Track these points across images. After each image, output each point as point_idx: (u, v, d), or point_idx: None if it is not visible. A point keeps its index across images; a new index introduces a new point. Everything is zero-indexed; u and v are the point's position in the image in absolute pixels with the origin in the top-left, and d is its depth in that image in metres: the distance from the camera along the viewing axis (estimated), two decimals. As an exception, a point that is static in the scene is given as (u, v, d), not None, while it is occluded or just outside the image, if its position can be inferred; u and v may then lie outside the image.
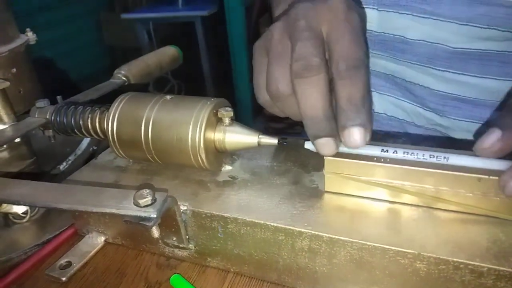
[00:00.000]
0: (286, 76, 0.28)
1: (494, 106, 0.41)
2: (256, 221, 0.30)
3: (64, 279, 0.34)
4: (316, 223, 0.29)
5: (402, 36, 0.41)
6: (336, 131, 0.28)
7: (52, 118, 0.39)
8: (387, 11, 0.41)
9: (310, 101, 0.27)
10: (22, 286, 0.35)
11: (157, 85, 2.18)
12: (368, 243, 0.26)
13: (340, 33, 0.27)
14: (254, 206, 0.31)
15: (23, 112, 0.46)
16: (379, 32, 0.43)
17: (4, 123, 0.41)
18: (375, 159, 0.29)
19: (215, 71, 2.35)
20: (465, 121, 0.43)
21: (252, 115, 2.20)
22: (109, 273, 0.35)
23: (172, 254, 0.35)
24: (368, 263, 0.27)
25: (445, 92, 0.42)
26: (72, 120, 0.39)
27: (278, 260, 0.31)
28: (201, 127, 0.32)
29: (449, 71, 0.41)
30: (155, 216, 0.28)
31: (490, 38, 0.37)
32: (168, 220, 0.32)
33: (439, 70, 0.41)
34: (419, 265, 0.25)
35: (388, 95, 0.48)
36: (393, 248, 0.26)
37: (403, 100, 0.47)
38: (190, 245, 0.34)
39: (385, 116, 0.50)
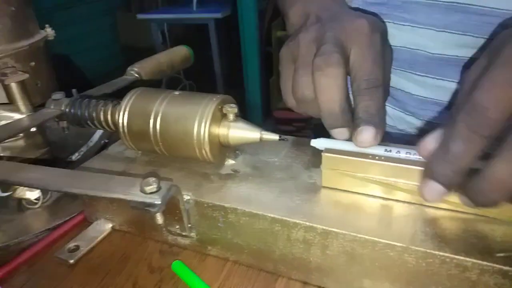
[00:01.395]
0: (311, 83, 0.31)
1: None
2: (255, 212, 0.31)
3: (71, 261, 0.36)
4: (311, 215, 0.30)
5: None
6: (350, 123, 0.31)
7: (67, 110, 0.42)
8: (373, 12, 0.42)
9: (328, 94, 0.30)
10: (32, 266, 0.37)
11: (169, 84, 2.22)
12: (359, 235, 0.28)
13: (364, 54, 0.31)
14: (253, 198, 0.33)
15: (40, 104, 0.49)
16: None
17: (22, 113, 0.44)
18: (370, 156, 0.31)
19: (227, 72, 2.38)
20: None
21: (262, 117, 2.22)
22: (114, 257, 0.37)
23: (174, 242, 0.37)
24: (359, 255, 0.28)
25: (424, 97, 0.45)
26: (86, 112, 0.41)
27: (274, 250, 0.32)
28: (206, 122, 0.34)
29: (428, 76, 0.43)
30: (159, 202, 0.29)
31: (466, 45, 0.39)
32: (172, 208, 0.34)
33: (419, 75, 0.44)
34: (407, 258, 0.27)
35: None
36: (383, 241, 0.27)
37: (386, 105, 0.48)
38: (192, 234, 0.35)
39: None
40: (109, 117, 0.40)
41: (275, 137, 0.34)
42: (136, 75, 0.53)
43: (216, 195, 0.33)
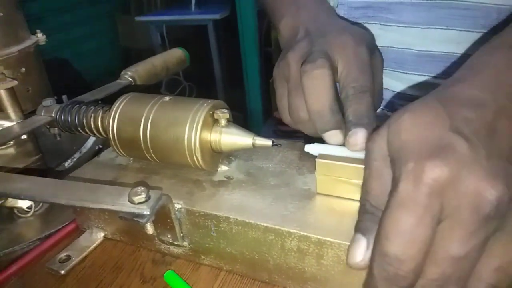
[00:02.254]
0: (304, 104, 0.31)
1: None
2: (247, 220, 0.30)
3: (62, 272, 0.36)
4: (305, 224, 0.29)
5: None
6: (342, 125, 0.30)
7: (58, 116, 0.41)
8: (357, 22, 0.45)
9: (316, 95, 0.30)
10: (22, 278, 0.36)
11: (169, 86, 2.21)
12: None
13: (350, 63, 0.31)
14: (246, 206, 0.32)
15: (31, 110, 0.48)
16: None
17: (12, 121, 0.43)
18: (358, 161, 0.30)
19: (226, 73, 2.37)
20: None
21: (262, 118, 2.21)
22: (106, 267, 0.36)
23: (167, 251, 0.36)
24: (355, 265, 0.27)
25: (412, 95, 0.46)
26: (76, 118, 0.40)
27: (268, 260, 0.31)
28: (197, 128, 0.33)
29: (416, 74, 0.44)
30: (148, 213, 0.28)
31: (451, 40, 0.40)
32: (163, 217, 0.33)
33: (407, 73, 0.45)
34: (404, 268, 0.26)
35: None
36: (379, 250, 0.26)
37: None
38: (185, 243, 0.34)
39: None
40: (99, 123, 0.39)
41: (268, 142, 0.33)
42: (130, 79, 0.52)
43: (208, 203, 0.33)
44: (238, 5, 1.95)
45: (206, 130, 0.34)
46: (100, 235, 0.40)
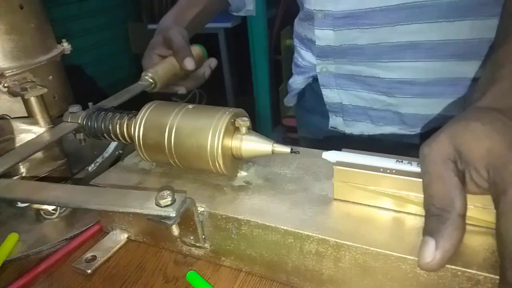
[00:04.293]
0: None
1: (425, 83, 0.54)
2: (268, 224, 0.32)
3: (89, 271, 0.37)
4: (323, 228, 0.30)
5: (354, 44, 0.56)
6: None
7: (84, 122, 0.43)
8: (340, 29, 0.56)
9: None
10: (50, 276, 0.38)
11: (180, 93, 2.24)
12: (372, 248, 0.28)
13: None
14: (266, 210, 0.33)
15: (57, 116, 0.50)
16: (337, 46, 0.58)
17: (40, 126, 0.45)
18: (381, 169, 0.31)
19: (237, 81, 2.39)
20: (407, 97, 0.56)
21: (271, 124, 2.23)
22: (130, 267, 0.38)
23: (189, 252, 0.38)
24: (371, 267, 0.29)
25: (390, 78, 0.56)
26: (102, 125, 0.42)
27: (287, 262, 0.33)
28: (220, 135, 0.35)
29: (391, 61, 0.54)
30: (174, 215, 0.30)
31: (417, 31, 0.51)
32: (186, 220, 0.35)
33: (384, 62, 0.55)
34: (419, 271, 0.27)
35: (351, 90, 0.61)
36: (395, 254, 0.27)
37: (361, 91, 0.60)
38: (206, 245, 0.36)
39: (351, 107, 0.63)
40: (125, 130, 0.41)
41: (286, 149, 0.35)
42: (151, 80, 0.54)
43: (229, 207, 0.34)
44: (249, 14, 1.98)
45: (228, 137, 0.36)
46: (124, 236, 0.41)
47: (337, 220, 0.31)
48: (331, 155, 0.33)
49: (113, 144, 0.56)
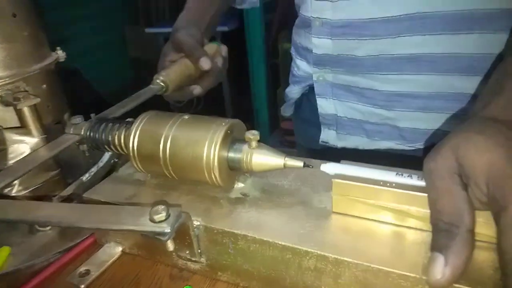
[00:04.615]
0: None
1: (427, 97, 0.52)
2: (265, 239, 0.31)
3: (82, 286, 0.36)
4: (322, 243, 0.30)
5: (352, 55, 0.54)
6: None
7: (87, 134, 0.42)
8: (338, 39, 0.54)
9: None
10: (43, 291, 0.37)
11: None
12: (372, 265, 0.27)
13: None
14: (263, 224, 0.32)
15: (54, 122, 0.49)
16: (335, 55, 0.56)
17: (34, 136, 0.44)
18: (381, 183, 0.30)
19: (234, 85, 2.39)
20: (407, 111, 0.54)
21: (269, 127, 2.22)
22: (125, 281, 0.37)
23: (185, 267, 0.37)
24: (372, 284, 0.28)
25: (389, 91, 0.53)
26: (103, 136, 0.41)
27: (285, 278, 0.32)
28: (216, 146, 0.34)
29: (390, 74, 0.52)
30: (168, 231, 0.29)
31: (417, 43, 0.48)
32: (182, 234, 0.34)
33: (383, 74, 0.53)
34: (421, 289, 0.26)
35: (347, 101, 0.60)
36: (396, 271, 0.27)
37: (358, 104, 0.58)
38: (202, 259, 0.35)
39: (346, 119, 0.61)
40: (122, 140, 0.40)
41: (299, 164, 0.34)
42: (162, 83, 0.52)
43: (225, 221, 0.33)
44: (246, 18, 1.98)
45: (224, 148, 0.35)
46: (118, 249, 0.40)
47: (336, 235, 0.30)
48: (329, 168, 0.33)
49: (108, 153, 0.55)
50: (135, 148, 0.38)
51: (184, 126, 0.36)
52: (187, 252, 0.35)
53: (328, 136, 0.64)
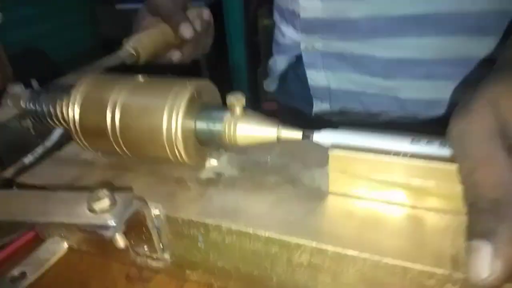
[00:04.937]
0: None
1: (431, 63, 0.45)
2: (244, 230, 0.24)
3: (14, 294, 0.29)
4: (318, 232, 0.23)
5: (345, 17, 0.47)
6: None
7: (28, 106, 0.33)
8: None
9: None
10: (-36, 303, 0.29)
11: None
12: (385, 260, 0.21)
13: None
14: (242, 210, 0.25)
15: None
16: (326, 18, 0.48)
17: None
18: (392, 153, 0.24)
19: (212, 61, 2.29)
20: (408, 80, 0.48)
21: (250, 109, 2.15)
22: (70, 286, 0.30)
23: (145, 265, 0.30)
24: (384, 285, 0.21)
25: (388, 57, 0.47)
26: (44, 107, 0.33)
27: (271, 277, 0.25)
28: (178, 114, 0.26)
29: (390, 38, 0.45)
30: (113, 224, 0.22)
31: (422, 0, 0.42)
32: (137, 226, 0.26)
33: (381, 38, 0.46)
34: (451, 290, 0.20)
35: (340, 72, 0.52)
36: (416, 267, 0.20)
37: (353, 73, 0.52)
38: (166, 256, 0.28)
39: (339, 91, 0.54)
40: (63, 110, 0.32)
41: (297, 135, 0.26)
42: (131, 50, 0.43)
43: (194, 208, 0.26)
44: (224, -9, 1.87)
45: (189, 116, 0.27)
46: (63, 245, 0.33)
47: (336, 222, 0.24)
48: (324, 137, 0.26)
49: (58, 131, 0.47)
50: (76, 119, 0.30)
51: (138, 90, 0.29)
52: (146, 248, 0.28)
53: (322, 110, 0.57)
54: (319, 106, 0.57)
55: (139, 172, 0.31)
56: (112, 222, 0.22)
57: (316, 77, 0.55)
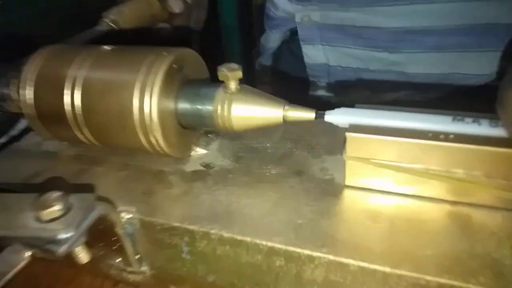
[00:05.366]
0: None
1: (443, 32, 0.41)
2: (240, 238, 0.18)
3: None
4: (336, 241, 0.18)
5: None
6: None
7: None
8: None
9: None
10: None
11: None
12: (426, 277, 0.16)
13: None
14: (236, 212, 0.20)
15: None
16: None
17: None
18: (430, 134, 0.18)
19: (204, 47, 2.21)
20: (417, 52, 0.43)
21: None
22: (32, 305, 0.24)
23: (120, 278, 0.24)
24: (424, 307, 0.16)
25: (395, 28, 0.43)
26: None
27: (274, 295, 0.20)
28: (153, 91, 0.21)
29: (397, 5, 0.41)
30: (65, 236, 0.16)
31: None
32: (106, 234, 0.21)
33: (388, 6, 0.41)
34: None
35: (341, 46, 0.48)
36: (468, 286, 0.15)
37: (355, 48, 0.47)
38: (144, 268, 0.23)
39: (339, 68, 0.49)
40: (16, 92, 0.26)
41: (309, 115, 0.20)
42: (112, 24, 0.38)
43: (176, 210, 0.21)
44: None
45: (169, 94, 0.22)
46: (25, 254, 0.27)
47: (358, 226, 0.18)
48: (338, 116, 0.20)
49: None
50: (30, 101, 0.24)
51: (102, 62, 0.23)
52: (119, 259, 0.22)
53: (319, 90, 0.52)
54: (317, 86, 0.52)
55: (110, 165, 0.25)
56: (63, 234, 0.17)
57: (313, 53, 0.50)
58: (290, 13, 0.49)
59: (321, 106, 0.21)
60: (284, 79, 0.60)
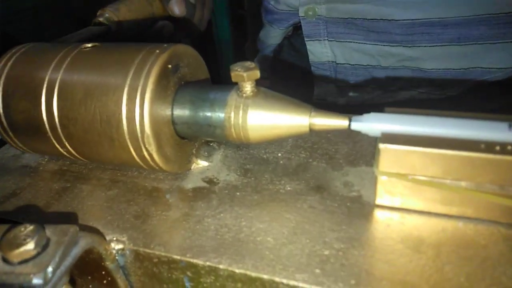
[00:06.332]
0: None
1: (462, 24, 0.38)
2: (255, 275, 0.15)
3: None
4: (371, 277, 0.14)
5: None
6: None
7: None
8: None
9: None
10: None
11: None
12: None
13: None
14: (248, 240, 0.17)
15: None
16: None
17: None
18: (482, 146, 0.15)
19: (195, 42, 2.17)
20: (435, 46, 0.40)
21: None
22: None
23: (113, 313, 0.21)
24: None
25: (412, 20, 0.40)
26: None
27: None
28: (145, 96, 0.17)
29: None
30: (41, 281, 0.13)
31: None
32: (94, 266, 0.18)
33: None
34: None
35: (349, 41, 0.45)
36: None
37: (365, 43, 0.44)
38: (139, 304, 0.19)
39: (348, 66, 0.46)
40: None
41: (341, 122, 0.17)
42: (105, 21, 0.34)
43: (174, 239, 0.17)
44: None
45: (163, 98, 0.18)
46: None
47: (397, 256, 0.15)
48: (368, 123, 0.17)
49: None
50: (1, 110, 0.20)
51: (84, 63, 0.19)
52: (110, 295, 0.19)
53: (325, 91, 0.48)
54: (322, 86, 0.48)
55: (97, 182, 0.22)
56: (38, 279, 0.13)
57: (318, 50, 0.46)
58: (293, 7, 0.46)
59: (329, 109, 0.18)
60: (286, 78, 0.56)
